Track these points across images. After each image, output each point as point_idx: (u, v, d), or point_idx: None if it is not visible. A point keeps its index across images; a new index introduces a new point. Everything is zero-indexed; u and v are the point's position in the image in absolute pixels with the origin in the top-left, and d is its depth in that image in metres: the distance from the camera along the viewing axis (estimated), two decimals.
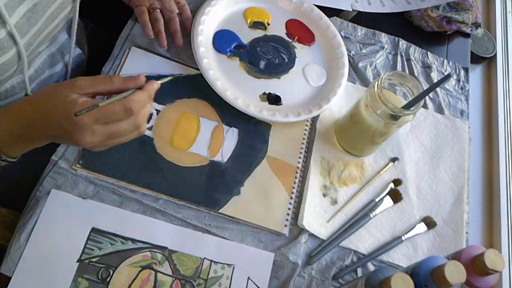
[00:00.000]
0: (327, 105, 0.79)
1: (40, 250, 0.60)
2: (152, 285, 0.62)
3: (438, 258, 0.56)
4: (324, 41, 0.89)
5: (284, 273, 0.67)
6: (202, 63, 0.77)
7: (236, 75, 0.80)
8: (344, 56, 0.86)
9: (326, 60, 0.87)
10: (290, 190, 0.73)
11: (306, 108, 0.79)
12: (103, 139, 0.51)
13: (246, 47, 0.83)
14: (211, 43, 0.81)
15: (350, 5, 0.95)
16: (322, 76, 0.85)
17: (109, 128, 0.51)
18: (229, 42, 0.83)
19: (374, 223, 0.74)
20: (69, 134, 0.49)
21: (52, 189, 0.64)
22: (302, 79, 0.84)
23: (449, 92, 0.92)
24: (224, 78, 0.78)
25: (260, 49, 0.84)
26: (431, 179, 0.81)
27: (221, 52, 0.81)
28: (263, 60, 0.83)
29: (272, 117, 0.76)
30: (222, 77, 0.78)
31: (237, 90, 0.77)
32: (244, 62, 0.81)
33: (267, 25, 0.87)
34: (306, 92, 0.82)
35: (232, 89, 0.77)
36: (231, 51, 0.82)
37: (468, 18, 0.99)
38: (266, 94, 0.80)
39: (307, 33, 0.89)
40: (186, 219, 0.67)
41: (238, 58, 0.82)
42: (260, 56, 0.83)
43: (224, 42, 0.82)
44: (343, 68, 0.84)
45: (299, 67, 0.85)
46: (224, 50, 0.81)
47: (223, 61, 0.80)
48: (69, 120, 0.48)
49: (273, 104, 0.79)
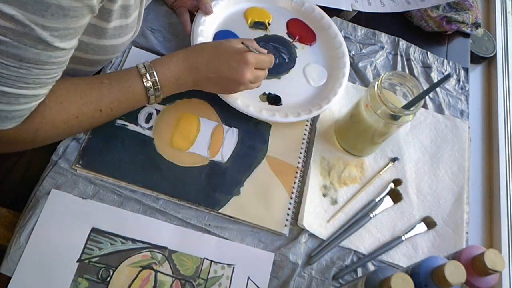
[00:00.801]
0: (327, 105, 0.79)
1: (40, 250, 0.60)
2: (152, 285, 0.62)
3: (438, 258, 0.56)
4: (325, 40, 0.89)
5: (284, 273, 0.67)
6: None
7: None
8: (345, 56, 0.86)
9: (327, 60, 0.87)
10: (290, 190, 0.73)
11: (306, 108, 0.79)
12: (252, 80, 0.69)
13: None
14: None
15: (350, 5, 0.96)
16: (323, 76, 0.85)
17: (258, 72, 0.70)
18: None
19: (374, 223, 0.74)
20: (236, 71, 0.67)
21: (52, 189, 0.64)
22: (303, 79, 0.84)
23: (449, 92, 0.92)
24: None
25: None
26: (431, 179, 0.81)
27: None
28: None
29: (272, 118, 0.76)
30: None
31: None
32: None
33: (267, 25, 0.87)
34: (307, 92, 0.82)
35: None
36: None
37: (468, 18, 0.99)
38: (266, 94, 0.80)
39: (308, 32, 0.89)
40: (186, 219, 0.67)
41: None
42: None
43: None
44: (344, 68, 0.84)
45: (299, 67, 0.84)
46: None
47: None
48: (241, 61, 0.67)
49: (273, 104, 0.79)
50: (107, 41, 0.60)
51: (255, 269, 0.66)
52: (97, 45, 0.59)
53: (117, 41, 0.62)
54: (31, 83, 0.50)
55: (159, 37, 0.82)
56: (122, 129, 0.71)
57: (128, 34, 0.63)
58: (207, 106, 0.77)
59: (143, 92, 0.64)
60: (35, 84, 0.50)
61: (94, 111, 0.61)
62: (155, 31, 0.82)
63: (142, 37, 0.80)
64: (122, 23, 0.60)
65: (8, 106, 0.50)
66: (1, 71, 0.47)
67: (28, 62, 0.48)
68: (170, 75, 0.65)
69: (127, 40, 0.64)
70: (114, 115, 0.64)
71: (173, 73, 0.65)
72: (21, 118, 0.53)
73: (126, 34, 0.62)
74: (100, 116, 0.62)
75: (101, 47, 0.60)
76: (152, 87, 0.64)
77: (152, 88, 0.64)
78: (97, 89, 0.61)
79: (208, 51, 0.68)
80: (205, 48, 0.68)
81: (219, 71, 0.67)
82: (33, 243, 0.60)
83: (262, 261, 0.67)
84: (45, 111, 0.56)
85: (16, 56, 0.47)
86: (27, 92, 0.50)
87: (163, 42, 0.82)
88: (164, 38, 0.82)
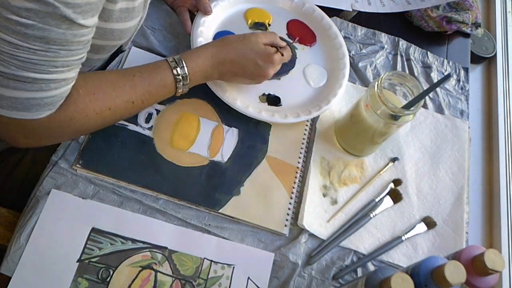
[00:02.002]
0: (327, 106, 0.79)
1: (40, 250, 0.60)
2: (152, 285, 0.62)
3: (438, 258, 0.56)
4: (325, 41, 0.88)
5: (284, 273, 0.67)
6: None
7: None
8: (346, 57, 0.85)
9: (327, 61, 0.87)
10: (290, 190, 0.73)
11: (306, 109, 0.79)
12: (273, 73, 0.74)
13: None
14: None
15: (350, 5, 0.96)
16: (322, 77, 0.85)
17: (278, 68, 0.75)
18: None
19: (374, 223, 0.74)
20: (261, 68, 0.71)
21: (52, 189, 0.64)
22: (302, 80, 0.84)
23: (449, 92, 0.92)
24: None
25: None
26: (431, 179, 0.81)
27: None
28: None
29: (271, 118, 0.76)
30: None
31: (236, 91, 0.77)
32: None
33: (268, 25, 0.87)
34: (306, 93, 0.82)
35: (231, 90, 0.77)
36: None
37: (468, 18, 0.99)
38: (266, 95, 0.80)
39: (308, 33, 0.89)
40: (186, 219, 0.67)
41: None
42: None
43: None
44: (344, 69, 0.84)
45: (299, 68, 0.84)
46: None
47: None
48: (267, 59, 0.71)
49: (273, 105, 0.79)
50: (114, 24, 0.60)
51: (255, 269, 0.66)
52: (103, 29, 0.60)
53: (124, 25, 0.62)
54: (60, 66, 0.51)
55: (159, 36, 0.82)
56: (122, 129, 0.71)
57: (134, 19, 0.64)
58: (207, 106, 0.77)
59: (173, 84, 0.66)
60: (64, 67, 0.51)
61: (127, 103, 0.63)
62: (156, 30, 0.82)
63: (142, 37, 0.80)
64: (128, 5, 0.60)
65: (40, 93, 0.51)
66: (29, 56, 0.48)
67: (55, 43, 0.48)
68: (198, 69, 0.68)
69: (133, 26, 0.65)
70: (144, 107, 0.67)
71: (201, 67, 0.68)
72: (54, 105, 0.54)
73: (132, 18, 0.63)
74: (132, 108, 0.64)
75: (108, 31, 0.61)
76: (182, 80, 0.66)
77: (181, 82, 0.67)
78: (130, 81, 0.63)
79: (236, 47, 0.70)
80: (233, 44, 0.71)
81: (245, 67, 0.71)
82: (33, 243, 0.60)
83: (262, 261, 0.67)
84: (78, 100, 0.57)
85: (42, 39, 0.47)
86: (56, 76, 0.51)
87: (164, 42, 0.82)
88: (164, 38, 0.82)
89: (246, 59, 0.70)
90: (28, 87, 0.50)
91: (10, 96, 0.50)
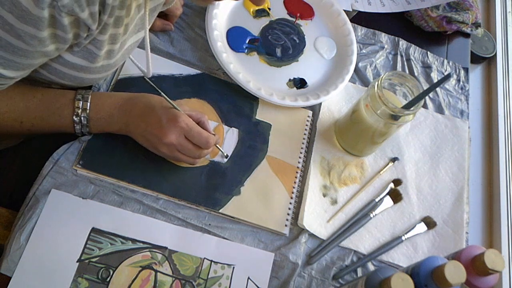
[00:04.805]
0: (342, 84, 0.82)
1: (40, 250, 0.60)
2: (152, 285, 0.62)
3: (438, 258, 0.56)
4: (323, 12, 0.91)
5: (284, 273, 0.67)
6: (222, 57, 0.78)
7: (260, 69, 0.82)
8: (347, 23, 0.89)
9: (331, 30, 0.90)
10: (290, 190, 0.73)
11: (324, 90, 0.81)
12: (176, 146, 0.64)
13: (259, 39, 0.84)
14: (226, 44, 0.82)
15: (350, 5, 0.96)
16: (332, 47, 0.88)
17: (186, 143, 0.64)
18: (242, 38, 0.84)
19: (374, 223, 0.74)
20: (163, 129, 0.62)
21: (52, 189, 0.64)
22: (317, 54, 0.87)
23: (449, 92, 0.92)
24: (245, 71, 0.80)
25: (271, 37, 0.85)
26: (431, 179, 0.81)
27: (238, 51, 0.82)
28: (278, 47, 0.84)
29: (296, 103, 0.78)
30: (242, 70, 0.79)
31: (259, 82, 0.79)
32: (262, 55, 0.83)
33: (268, 10, 0.88)
34: (324, 67, 0.86)
35: (254, 80, 0.79)
36: (247, 47, 0.83)
37: (468, 18, 0.99)
38: (292, 80, 0.82)
39: (305, 7, 0.91)
40: (186, 219, 0.67)
41: (255, 52, 0.83)
42: (274, 44, 0.85)
43: (237, 40, 0.83)
44: (349, 35, 0.88)
45: (310, 43, 0.87)
46: (240, 49, 0.82)
47: (243, 59, 0.82)
48: (171, 120, 0.62)
49: (301, 88, 0.82)
50: (100, 63, 0.59)
51: (255, 269, 0.66)
52: (89, 68, 0.59)
53: (107, 62, 0.61)
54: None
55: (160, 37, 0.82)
56: None
57: (118, 54, 0.62)
58: (207, 106, 0.77)
59: (69, 117, 0.62)
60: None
61: (14, 121, 0.61)
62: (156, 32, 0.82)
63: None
64: (112, 48, 0.59)
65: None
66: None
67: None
68: (103, 110, 0.64)
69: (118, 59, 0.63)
70: (34, 131, 0.63)
71: (107, 108, 0.64)
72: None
73: (116, 55, 0.61)
74: (20, 127, 0.61)
75: (93, 69, 0.59)
76: (80, 115, 0.62)
77: (80, 116, 0.62)
78: (26, 101, 0.60)
79: (150, 101, 0.65)
80: (149, 98, 0.66)
81: (148, 122, 0.64)
82: (33, 243, 0.60)
83: (262, 261, 0.67)
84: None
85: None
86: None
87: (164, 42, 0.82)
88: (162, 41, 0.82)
89: (152, 114, 0.63)
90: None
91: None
